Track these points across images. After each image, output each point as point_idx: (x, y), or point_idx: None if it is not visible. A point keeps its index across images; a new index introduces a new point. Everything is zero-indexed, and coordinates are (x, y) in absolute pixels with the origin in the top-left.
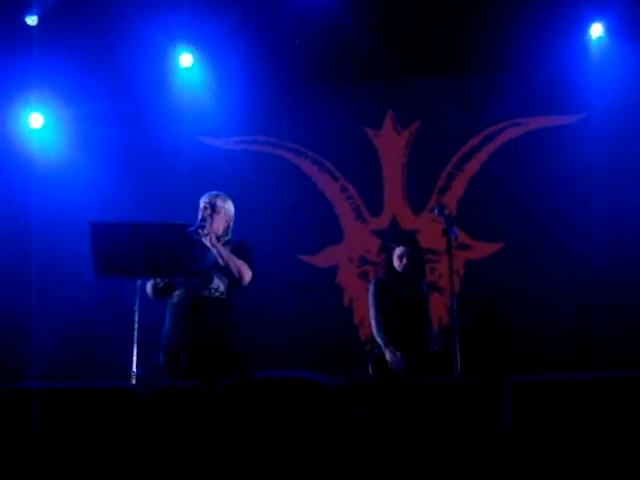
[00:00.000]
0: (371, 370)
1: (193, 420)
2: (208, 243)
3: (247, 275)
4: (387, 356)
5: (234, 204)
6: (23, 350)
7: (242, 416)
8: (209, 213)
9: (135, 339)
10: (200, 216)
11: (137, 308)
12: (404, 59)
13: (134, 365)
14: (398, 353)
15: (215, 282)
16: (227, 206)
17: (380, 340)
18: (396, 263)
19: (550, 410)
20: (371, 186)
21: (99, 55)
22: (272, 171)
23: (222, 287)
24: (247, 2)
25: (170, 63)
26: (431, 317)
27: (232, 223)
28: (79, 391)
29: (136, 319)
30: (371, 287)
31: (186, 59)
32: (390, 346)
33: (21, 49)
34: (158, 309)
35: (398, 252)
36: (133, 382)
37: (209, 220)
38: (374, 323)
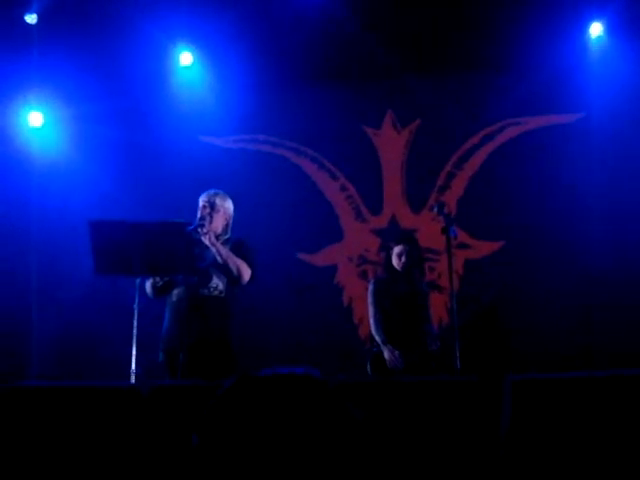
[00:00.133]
0: (369, 369)
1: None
2: (207, 242)
3: (246, 274)
4: (386, 355)
5: (233, 203)
6: (23, 349)
7: (245, 414)
8: (208, 212)
9: (134, 338)
10: (199, 215)
11: (136, 307)
12: (404, 58)
13: (133, 364)
14: (397, 352)
15: (214, 281)
16: (226, 205)
17: (379, 338)
18: (395, 262)
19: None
20: (371, 185)
21: (99, 54)
22: (271, 170)
23: (221, 286)
24: (247, 1)
25: (170, 62)
26: (431, 315)
27: (231, 222)
28: (79, 390)
29: (135, 318)
30: (370, 286)
31: (186, 58)
32: (389, 344)
33: (21, 48)
34: (157, 308)
35: (397, 250)
36: (132, 381)
37: (208, 219)
38: (373, 322)
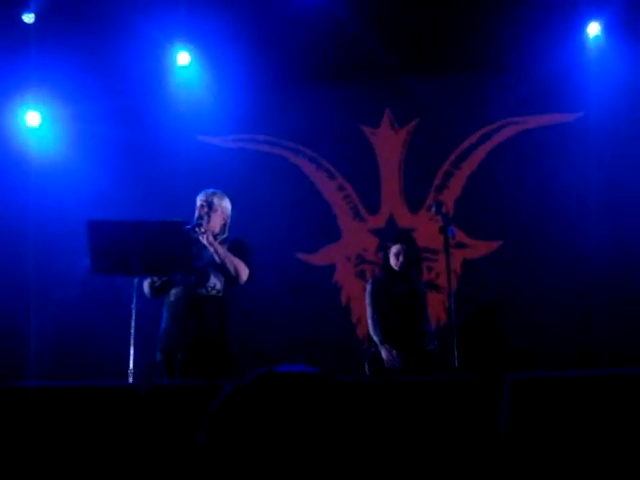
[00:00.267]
0: (367, 368)
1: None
2: (205, 241)
3: (244, 273)
4: (383, 354)
5: (231, 202)
6: (20, 349)
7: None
8: (206, 211)
9: (132, 337)
10: (197, 214)
11: (134, 306)
12: (402, 58)
13: (131, 363)
14: (394, 351)
15: (212, 280)
16: (224, 204)
17: (376, 338)
18: (393, 261)
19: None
20: (368, 184)
21: (96, 53)
22: (270, 169)
23: (219, 285)
24: (245, 0)
25: (168, 61)
26: (429, 314)
27: (229, 221)
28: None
29: (133, 317)
30: (368, 286)
31: (184, 57)
32: (386, 344)
33: (18, 47)
34: (155, 307)
35: (394, 250)
36: (130, 380)
37: (206, 218)
38: (371, 322)
